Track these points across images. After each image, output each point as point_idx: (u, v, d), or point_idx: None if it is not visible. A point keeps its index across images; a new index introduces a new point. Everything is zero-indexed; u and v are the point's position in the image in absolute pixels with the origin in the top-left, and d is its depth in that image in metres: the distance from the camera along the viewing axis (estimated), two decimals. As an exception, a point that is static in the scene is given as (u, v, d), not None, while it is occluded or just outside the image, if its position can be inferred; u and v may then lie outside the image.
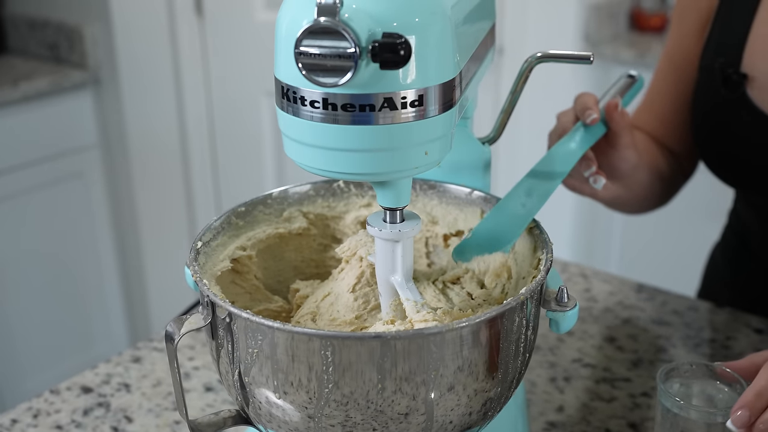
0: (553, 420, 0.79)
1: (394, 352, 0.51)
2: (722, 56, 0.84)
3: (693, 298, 1.02)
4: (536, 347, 0.90)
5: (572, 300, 0.59)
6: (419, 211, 0.72)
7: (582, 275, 1.06)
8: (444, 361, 0.53)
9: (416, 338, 0.51)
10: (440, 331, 0.51)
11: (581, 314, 0.97)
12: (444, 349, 0.53)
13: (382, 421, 0.55)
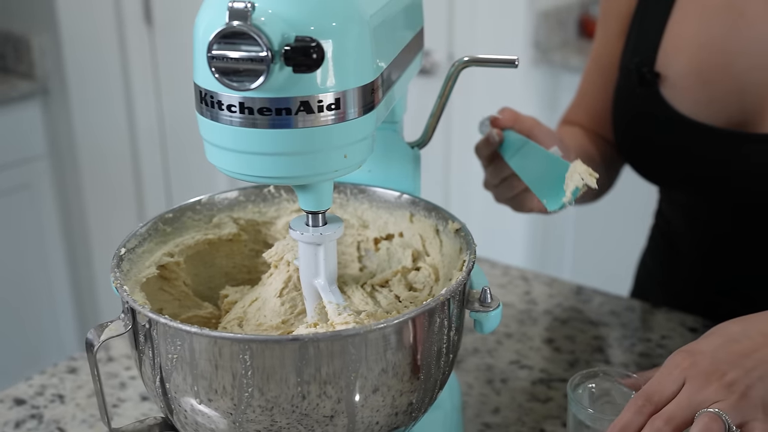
0: (489, 421, 0.80)
1: (312, 354, 0.52)
2: (638, 56, 0.87)
3: (630, 299, 1.03)
4: (474, 350, 0.91)
5: (495, 300, 0.60)
6: (350, 215, 0.72)
7: (523, 278, 1.07)
8: (364, 362, 0.53)
9: (335, 340, 0.51)
10: (358, 332, 0.52)
11: (521, 317, 0.98)
12: (364, 351, 0.53)
13: (307, 425, 0.55)
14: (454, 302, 0.58)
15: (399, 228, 0.71)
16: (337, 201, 0.72)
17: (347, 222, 0.72)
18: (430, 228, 0.68)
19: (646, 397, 0.57)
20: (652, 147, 0.90)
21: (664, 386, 0.58)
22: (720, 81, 0.84)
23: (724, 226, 0.92)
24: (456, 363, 0.88)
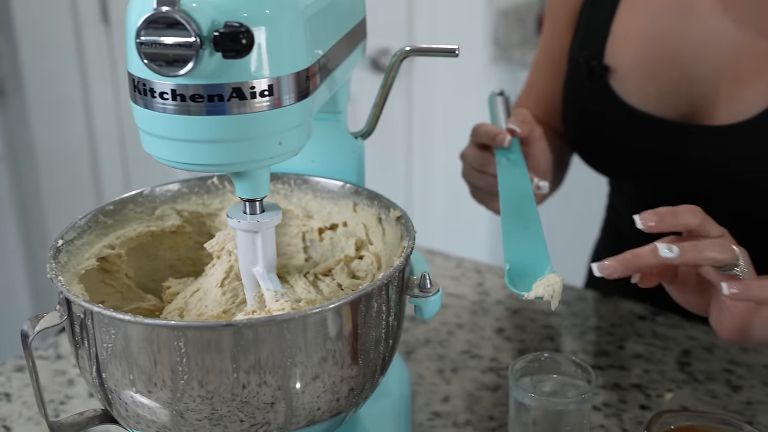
0: (438, 410, 0.80)
1: (247, 340, 0.52)
2: (587, 49, 0.88)
3: (581, 289, 1.04)
4: (426, 341, 0.91)
5: (435, 286, 0.60)
6: (294, 206, 0.72)
7: (476, 270, 1.08)
8: (302, 348, 0.53)
9: (269, 325, 0.52)
10: (293, 317, 0.52)
11: (473, 308, 0.98)
12: (300, 336, 0.53)
13: (248, 412, 0.55)
14: (392, 288, 0.58)
15: (343, 217, 0.71)
16: (281, 192, 0.73)
17: (292, 213, 0.72)
18: (373, 217, 0.69)
19: None
20: (602, 139, 0.91)
21: None
22: (668, 73, 0.85)
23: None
24: (407, 354, 0.89)
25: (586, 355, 0.89)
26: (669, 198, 0.92)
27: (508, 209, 0.70)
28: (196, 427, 0.56)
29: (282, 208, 0.72)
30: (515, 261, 0.66)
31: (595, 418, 0.79)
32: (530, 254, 0.66)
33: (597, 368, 0.87)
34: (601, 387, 0.84)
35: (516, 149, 0.79)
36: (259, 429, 0.56)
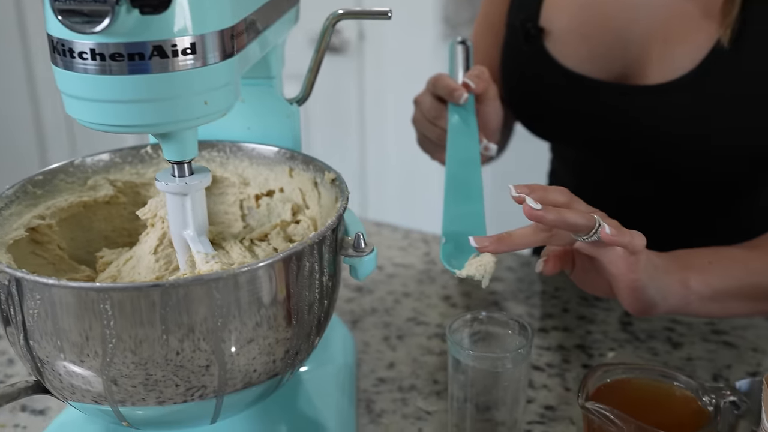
0: (383, 376, 0.80)
1: (175, 300, 0.51)
2: (523, 12, 0.88)
3: (528, 255, 1.05)
4: (372, 310, 0.91)
5: (369, 246, 0.60)
6: (231, 173, 0.72)
7: (423, 241, 1.08)
8: (232, 308, 0.53)
9: (197, 285, 0.51)
10: (221, 276, 0.51)
11: (420, 277, 0.99)
12: (229, 296, 0.52)
13: (183, 377, 0.55)
14: (325, 247, 0.57)
15: (279, 183, 0.70)
16: (217, 160, 0.72)
17: (228, 180, 0.72)
18: (309, 181, 0.68)
19: None
20: (539, 102, 0.91)
21: None
22: (601, 37, 0.86)
23: (612, 184, 0.95)
24: (353, 323, 0.88)
25: (531, 318, 0.90)
26: (608, 163, 0.93)
27: (452, 173, 0.70)
28: (131, 394, 0.55)
29: (218, 176, 0.72)
30: (452, 234, 0.66)
31: (539, 378, 0.80)
32: (468, 228, 0.66)
33: (541, 331, 0.87)
34: (545, 348, 0.84)
35: (470, 107, 0.78)
36: (195, 393, 0.56)
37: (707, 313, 0.71)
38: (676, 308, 0.69)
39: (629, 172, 0.91)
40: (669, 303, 0.67)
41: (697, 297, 0.68)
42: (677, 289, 0.67)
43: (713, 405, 0.62)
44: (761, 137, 0.81)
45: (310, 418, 0.71)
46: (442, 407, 0.75)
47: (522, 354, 0.62)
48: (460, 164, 0.70)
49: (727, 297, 0.69)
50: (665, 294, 0.66)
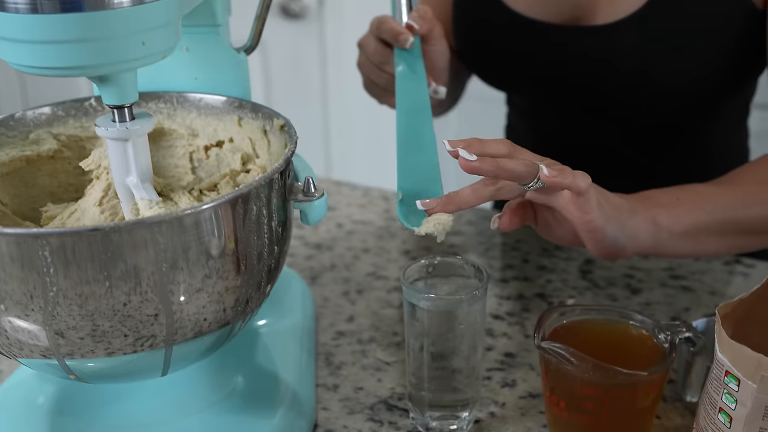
0: (343, 329, 0.80)
1: (117, 245, 0.49)
2: None
3: (489, 210, 1.05)
4: (332, 266, 0.90)
5: (319, 190, 0.59)
6: (179, 125, 0.70)
7: (383, 198, 1.07)
8: (177, 253, 0.51)
9: (138, 228, 0.49)
10: (164, 219, 0.50)
11: (379, 233, 0.98)
12: (174, 240, 0.51)
13: (131, 326, 0.53)
14: (273, 191, 0.56)
15: (229, 134, 0.69)
16: (164, 111, 0.70)
17: (176, 133, 0.70)
18: (258, 129, 0.67)
19: None
20: (491, 49, 0.90)
21: None
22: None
23: (565, 131, 0.94)
24: (312, 279, 0.87)
25: (491, 269, 0.89)
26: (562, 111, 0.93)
27: (403, 124, 0.69)
28: (79, 346, 0.54)
29: (166, 128, 0.70)
30: (408, 189, 0.65)
31: (499, 326, 0.79)
32: (423, 181, 0.65)
33: (501, 281, 0.87)
34: (505, 298, 0.84)
35: (416, 50, 0.77)
36: (144, 342, 0.55)
37: (680, 252, 0.68)
38: (646, 248, 0.67)
39: (581, 116, 0.91)
40: (638, 243, 0.66)
41: (668, 234, 0.66)
42: (646, 227, 0.65)
43: (669, 342, 0.62)
44: (705, 75, 0.81)
45: (268, 371, 0.70)
46: (402, 358, 0.75)
47: (477, 295, 0.61)
48: (410, 113, 0.69)
49: (698, 233, 0.67)
50: (633, 234, 0.65)
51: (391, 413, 0.68)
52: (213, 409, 0.65)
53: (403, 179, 0.65)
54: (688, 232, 0.67)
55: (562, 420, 0.63)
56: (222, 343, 0.60)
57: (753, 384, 0.52)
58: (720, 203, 0.68)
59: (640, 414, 0.62)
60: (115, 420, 0.64)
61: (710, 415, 0.57)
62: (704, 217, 0.67)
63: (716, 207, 0.68)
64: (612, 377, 0.58)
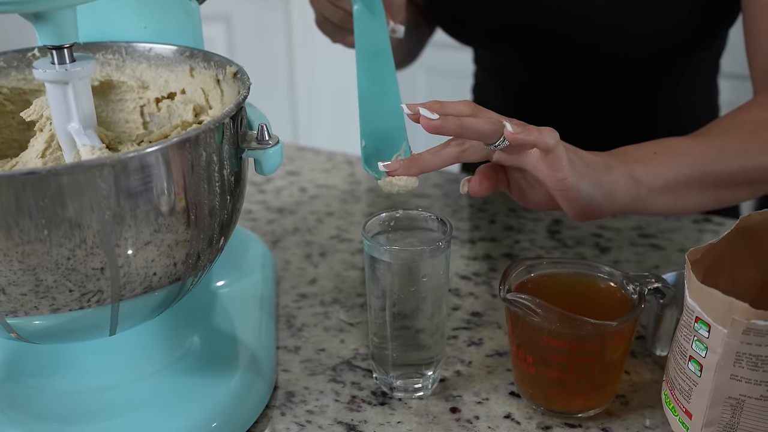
0: (305, 292, 0.77)
1: (54, 190, 0.46)
2: None
3: (456, 173, 1.03)
4: (295, 229, 0.88)
5: (274, 138, 0.56)
6: (128, 77, 0.67)
7: (348, 162, 1.05)
8: (121, 200, 0.48)
9: (77, 172, 0.46)
10: (104, 162, 0.47)
11: (343, 196, 0.95)
12: (118, 186, 0.48)
13: (77, 281, 0.50)
14: (223, 136, 0.53)
15: (180, 85, 0.66)
16: (112, 63, 0.67)
17: (126, 85, 0.67)
18: (211, 79, 0.64)
19: None
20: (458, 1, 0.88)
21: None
22: None
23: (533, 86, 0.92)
24: (273, 243, 0.85)
25: (458, 231, 0.87)
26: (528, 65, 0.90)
27: (365, 67, 0.66)
28: (22, 303, 0.51)
29: (115, 80, 0.67)
30: (372, 136, 0.62)
31: (466, 286, 0.77)
32: (388, 128, 0.63)
33: (468, 242, 0.85)
34: (472, 258, 0.82)
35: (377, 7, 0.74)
36: (91, 298, 0.52)
37: (660, 208, 0.66)
38: (625, 205, 0.64)
39: (551, 68, 0.88)
40: (616, 200, 0.63)
41: (647, 189, 0.64)
42: (624, 182, 0.63)
43: (638, 293, 0.60)
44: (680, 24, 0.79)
45: (225, 333, 0.67)
46: (366, 319, 0.72)
47: (441, 247, 0.59)
48: (371, 57, 0.66)
49: (678, 186, 0.65)
50: (610, 191, 0.62)
51: (354, 373, 0.66)
52: (167, 371, 0.62)
53: (366, 125, 0.62)
54: (667, 186, 0.64)
55: (530, 376, 0.61)
56: (173, 299, 0.57)
57: (723, 329, 0.50)
58: (699, 155, 0.66)
59: (608, 368, 0.60)
60: (64, 385, 0.61)
61: (680, 365, 0.55)
62: (684, 170, 0.65)
63: (696, 159, 0.65)
64: (580, 328, 0.56)
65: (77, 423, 0.58)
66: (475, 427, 0.60)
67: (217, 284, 0.72)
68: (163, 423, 0.58)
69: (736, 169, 0.66)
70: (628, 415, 0.61)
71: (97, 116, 0.67)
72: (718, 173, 0.66)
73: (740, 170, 0.66)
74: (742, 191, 0.68)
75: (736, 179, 0.67)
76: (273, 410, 0.62)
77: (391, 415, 0.62)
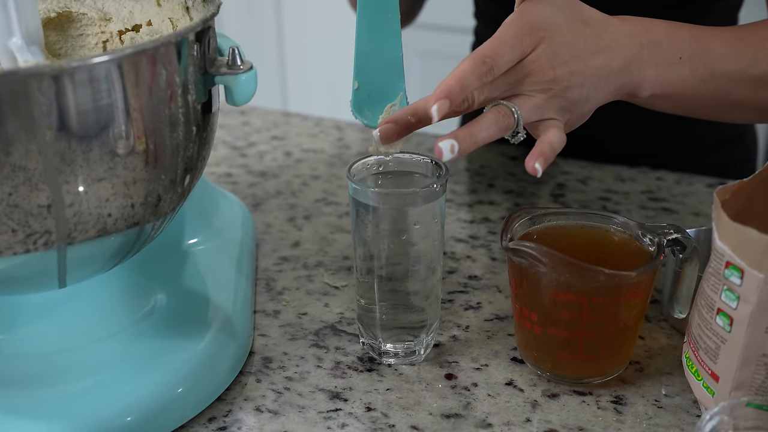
0: (287, 255, 0.70)
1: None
2: None
3: (451, 139, 0.96)
4: (277, 193, 0.81)
5: (247, 63, 0.50)
6: (88, 8, 0.60)
7: (336, 127, 0.98)
8: (65, 119, 0.42)
9: (10, 82, 0.40)
10: (42, 72, 0.40)
11: (331, 160, 0.89)
12: (61, 101, 0.41)
13: (19, 219, 0.44)
14: (187, 55, 0.47)
15: (146, 16, 0.59)
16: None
17: (86, 17, 0.60)
18: (179, 7, 0.57)
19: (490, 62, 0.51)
20: None
21: (503, 56, 0.51)
22: None
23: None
24: (254, 206, 0.78)
25: (455, 194, 0.81)
26: None
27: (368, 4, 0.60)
28: (-46, 247, 0.44)
29: (74, 12, 0.60)
30: (366, 78, 0.56)
31: (462, 249, 0.71)
32: (384, 74, 0.57)
33: (466, 205, 0.79)
34: (469, 222, 0.76)
35: None
36: (38, 240, 0.45)
37: (665, 84, 0.57)
38: (624, 74, 0.56)
39: None
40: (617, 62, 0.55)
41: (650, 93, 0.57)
42: (627, 41, 0.56)
43: (655, 244, 0.54)
44: None
45: (195, 292, 0.60)
46: (353, 282, 0.66)
47: (435, 190, 0.53)
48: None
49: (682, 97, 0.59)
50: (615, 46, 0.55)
51: (338, 338, 0.59)
52: (127, 333, 0.55)
53: (360, 66, 0.56)
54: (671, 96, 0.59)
55: (535, 337, 0.54)
56: (131, 248, 0.50)
57: (760, 273, 0.44)
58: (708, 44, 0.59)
59: (622, 329, 0.53)
60: (10, 348, 0.55)
61: (706, 320, 0.49)
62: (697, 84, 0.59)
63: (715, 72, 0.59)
64: (592, 279, 0.50)
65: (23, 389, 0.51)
66: (473, 395, 0.54)
67: (190, 242, 0.65)
68: (121, 389, 0.51)
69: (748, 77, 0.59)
70: (644, 382, 0.55)
71: (55, 53, 0.61)
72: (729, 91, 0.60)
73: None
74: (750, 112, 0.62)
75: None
76: (247, 376, 0.56)
77: (380, 382, 0.55)
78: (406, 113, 0.53)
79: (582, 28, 0.54)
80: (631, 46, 0.56)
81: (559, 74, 0.53)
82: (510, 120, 0.52)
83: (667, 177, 0.84)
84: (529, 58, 0.53)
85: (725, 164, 0.89)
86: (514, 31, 0.52)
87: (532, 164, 0.51)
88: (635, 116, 0.80)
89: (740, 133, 0.91)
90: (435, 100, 0.49)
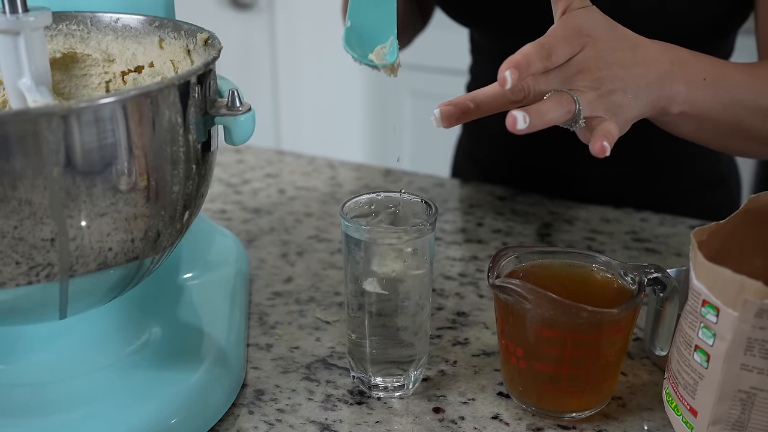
0: (280, 290, 0.72)
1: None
2: None
3: (442, 177, 0.98)
4: (271, 229, 0.83)
5: (245, 105, 0.52)
6: (93, 50, 0.62)
7: (329, 166, 1.00)
8: (72, 156, 0.44)
9: (20, 121, 0.42)
10: (53, 111, 0.42)
11: (324, 198, 0.91)
12: (69, 140, 0.43)
13: (24, 252, 0.45)
14: (188, 97, 0.49)
15: (149, 58, 0.61)
16: (76, 34, 0.62)
17: (90, 58, 0.62)
18: (181, 50, 0.59)
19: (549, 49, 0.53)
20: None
21: (558, 48, 0.54)
22: None
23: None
24: (248, 242, 0.80)
25: (443, 233, 0.83)
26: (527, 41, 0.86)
27: None
28: (-42, 278, 0.46)
29: (79, 53, 0.62)
30: (359, 20, 0.58)
31: (450, 286, 0.73)
32: (377, 20, 0.59)
33: (454, 243, 0.81)
34: (458, 260, 0.78)
35: None
36: (41, 272, 0.47)
37: (693, 102, 0.60)
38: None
39: None
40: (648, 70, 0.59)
41: (678, 112, 0.60)
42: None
43: (636, 283, 0.56)
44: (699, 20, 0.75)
45: (190, 325, 0.62)
46: (344, 317, 0.67)
47: (424, 228, 0.55)
48: None
49: (704, 119, 0.62)
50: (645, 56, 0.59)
51: (329, 372, 0.61)
52: (123, 363, 0.57)
53: (355, 7, 0.58)
54: (696, 115, 0.62)
55: (520, 372, 0.56)
56: (130, 281, 0.52)
57: (734, 312, 0.46)
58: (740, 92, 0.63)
59: (605, 364, 0.55)
60: (7, 377, 0.56)
61: (684, 357, 0.50)
62: (719, 108, 0.62)
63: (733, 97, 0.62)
64: (575, 315, 0.52)
65: (18, 418, 0.53)
66: (461, 428, 0.55)
67: (185, 276, 0.67)
68: (116, 419, 0.53)
69: None
70: (626, 417, 0.56)
71: (60, 92, 0.63)
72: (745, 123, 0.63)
73: None
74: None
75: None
76: (240, 408, 0.57)
77: (369, 415, 0.56)
78: (466, 99, 0.56)
79: (620, 40, 0.58)
80: (663, 61, 0.59)
81: (606, 75, 0.56)
82: (572, 105, 0.54)
83: (651, 218, 0.86)
84: (578, 56, 0.56)
85: (709, 207, 0.91)
86: (561, 33, 0.55)
87: (600, 143, 0.53)
88: (621, 157, 0.82)
89: (724, 176, 0.93)
90: (505, 69, 0.52)
